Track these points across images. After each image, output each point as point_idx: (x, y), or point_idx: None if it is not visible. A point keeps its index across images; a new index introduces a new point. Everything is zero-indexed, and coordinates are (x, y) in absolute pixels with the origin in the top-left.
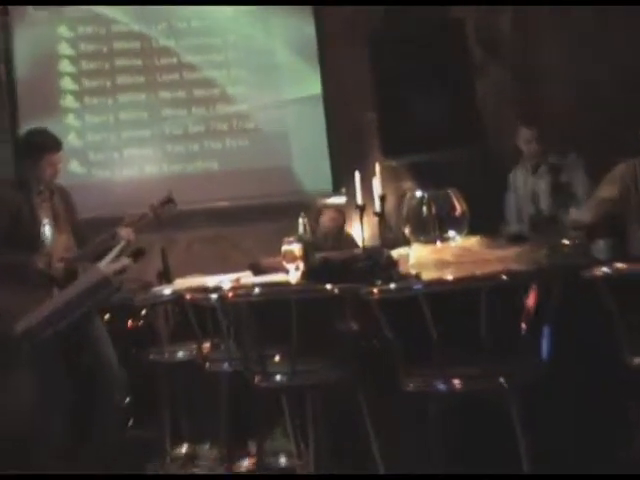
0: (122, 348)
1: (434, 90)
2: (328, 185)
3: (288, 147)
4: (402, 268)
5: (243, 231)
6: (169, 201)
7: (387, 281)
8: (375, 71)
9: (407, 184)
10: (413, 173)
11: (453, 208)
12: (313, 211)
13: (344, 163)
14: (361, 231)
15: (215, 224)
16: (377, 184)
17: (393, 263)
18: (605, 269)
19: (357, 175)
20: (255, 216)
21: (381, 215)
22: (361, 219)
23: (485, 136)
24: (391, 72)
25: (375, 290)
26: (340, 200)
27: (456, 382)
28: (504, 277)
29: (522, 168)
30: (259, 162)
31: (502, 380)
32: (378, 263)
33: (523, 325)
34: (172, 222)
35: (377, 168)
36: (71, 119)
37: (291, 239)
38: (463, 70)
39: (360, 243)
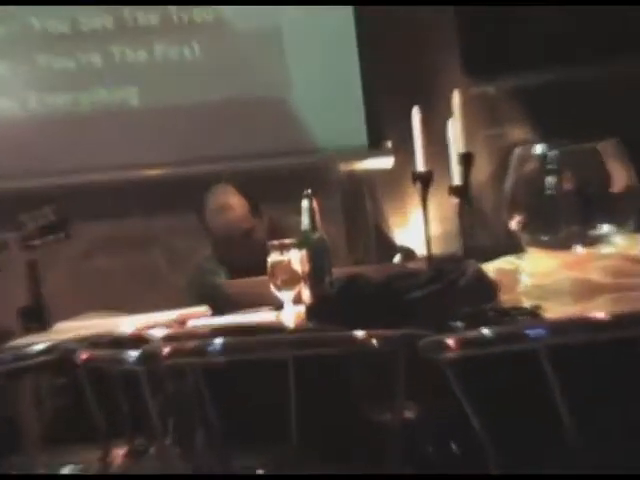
0: None
1: None
2: (360, 136)
3: (282, 63)
4: (506, 296)
5: (193, 226)
6: (57, 228)
7: (476, 322)
8: None
9: (514, 131)
10: (526, 109)
11: (608, 180)
12: (209, 202)
13: (389, 94)
14: (424, 224)
15: (135, 212)
16: (456, 131)
17: (487, 287)
18: None
19: (416, 114)
20: None
21: (463, 192)
22: (423, 200)
23: None
24: None
25: (451, 342)
26: (382, 163)
27: None
28: None
29: None
30: (222, 91)
31: None
32: (456, 287)
33: None
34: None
35: (456, 99)
36: None
37: (285, 242)
38: None
39: (411, 249)
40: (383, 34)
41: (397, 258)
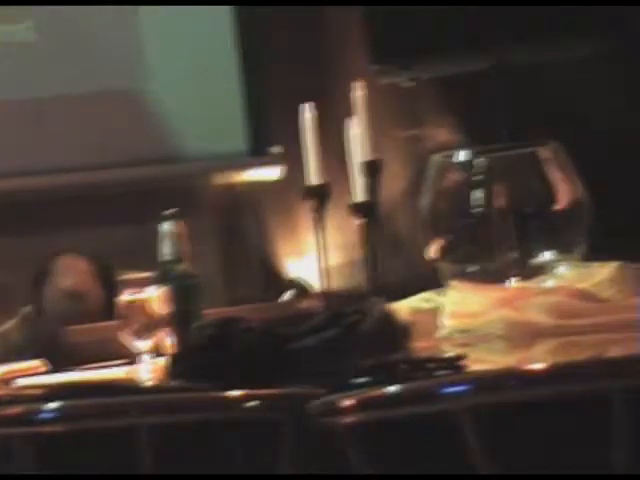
0: None
1: None
2: (238, 141)
3: (138, 50)
4: (422, 343)
5: (30, 251)
6: None
7: (382, 377)
8: None
9: (436, 133)
10: (450, 104)
11: (549, 194)
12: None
13: (276, 88)
14: (319, 252)
15: None
16: (358, 133)
17: (397, 332)
18: None
19: (307, 113)
20: (63, 214)
21: (368, 210)
22: (318, 220)
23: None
24: None
25: (349, 403)
26: (267, 174)
27: None
28: None
29: None
30: (59, 83)
31: None
32: (357, 332)
33: None
34: None
35: (358, 93)
36: None
37: (141, 276)
38: None
39: (304, 283)
40: (269, 14)
41: (287, 295)
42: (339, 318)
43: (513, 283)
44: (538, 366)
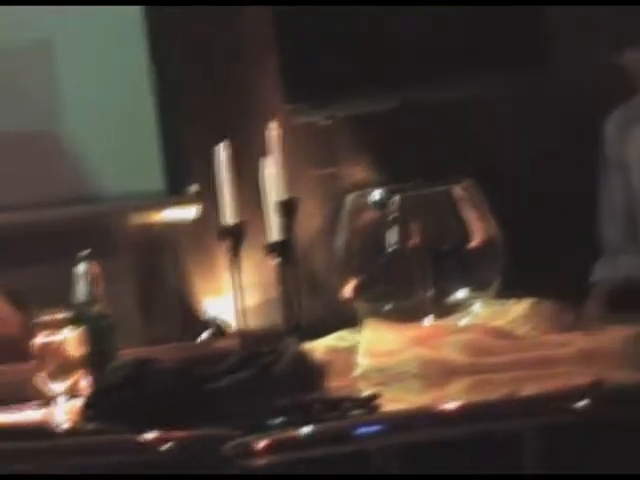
0: None
1: None
2: (155, 180)
3: (51, 87)
4: (338, 383)
5: None
6: None
7: (296, 417)
8: None
9: (352, 171)
10: (366, 142)
11: (464, 232)
12: None
13: (193, 126)
14: (235, 292)
15: None
16: (274, 172)
17: (311, 372)
18: None
19: (223, 152)
20: None
21: (284, 249)
22: (234, 260)
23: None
24: None
25: (263, 444)
26: (184, 213)
27: None
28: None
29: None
30: None
31: None
32: (272, 373)
33: None
34: None
35: (273, 133)
36: None
37: (56, 317)
38: None
39: (222, 323)
40: (185, 53)
41: (205, 334)
42: (254, 359)
43: (428, 321)
44: (451, 406)
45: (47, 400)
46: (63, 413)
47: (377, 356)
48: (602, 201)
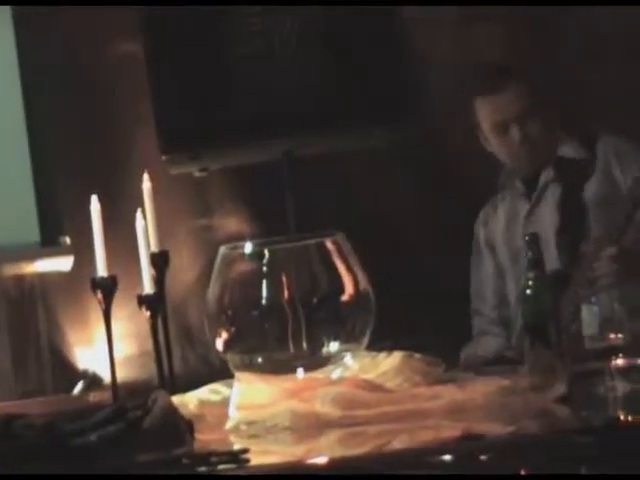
0: None
1: None
2: (29, 230)
3: None
4: (209, 436)
5: None
6: None
7: (163, 471)
8: None
9: (228, 222)
10: (242, 193)
11: (336, 283)
12: None
13: (68, 177)
14: (108, 344)
15: None
16: (146, 223)
17: (179, 426)
18: None
19: (95, 204)
20: None
21: (156, 302)
22: (106, 313)
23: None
24: None
25: None
26: (59, 264)
27: None
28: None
29: (507, 195)
30: None
31: None
32: (140, 427)
33: None
34: None
35: (146, 184)
36: None
37: None
38: None
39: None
40: (60, 104)
41: (79, 387)
42: (123, 413)
43: (301, 374)
44: (321, 459)
45: None
46: None
47: (249, 409)
48: (473, 278)
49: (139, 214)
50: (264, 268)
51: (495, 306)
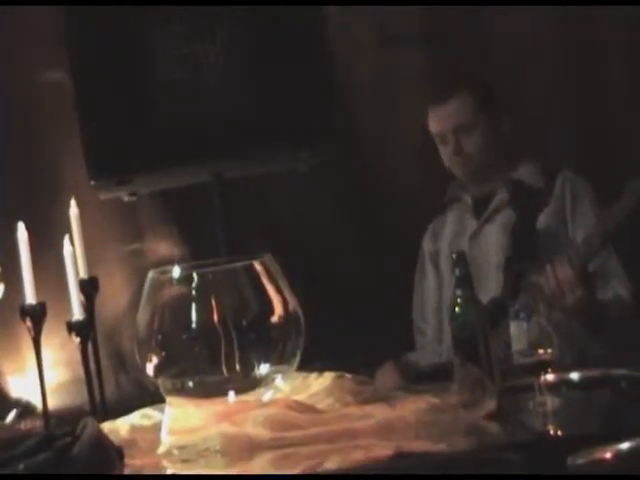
0: None
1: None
2: None
3: None
4: (142, 460)
5: None
6: None
7: None
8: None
9: (158, 246)
10: (173, 217)
11: (265, 305)
12: None
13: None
14: (38, 371)
15: None
16: (73, 250)
17: (107, 453)
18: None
19: (21, 231)
20: None
21: (85, 328)
22: (35, 340)
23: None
24: None
25: None
26: None
27: None
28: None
29: (455, 209)
30: None
31: None
32: (68, 455)
33: None
34: None
35: (73, 210)
36: None
37: None
38: None
39: (29, 403)
40: None
41: (11, 415)
42: (51, 441)
43: (232, 397)
44: None
45: None
46: None
47: (180, 433)
48: (415, 293)
49: (67, 240)
50: (193, 292)
51: (436, 324)
